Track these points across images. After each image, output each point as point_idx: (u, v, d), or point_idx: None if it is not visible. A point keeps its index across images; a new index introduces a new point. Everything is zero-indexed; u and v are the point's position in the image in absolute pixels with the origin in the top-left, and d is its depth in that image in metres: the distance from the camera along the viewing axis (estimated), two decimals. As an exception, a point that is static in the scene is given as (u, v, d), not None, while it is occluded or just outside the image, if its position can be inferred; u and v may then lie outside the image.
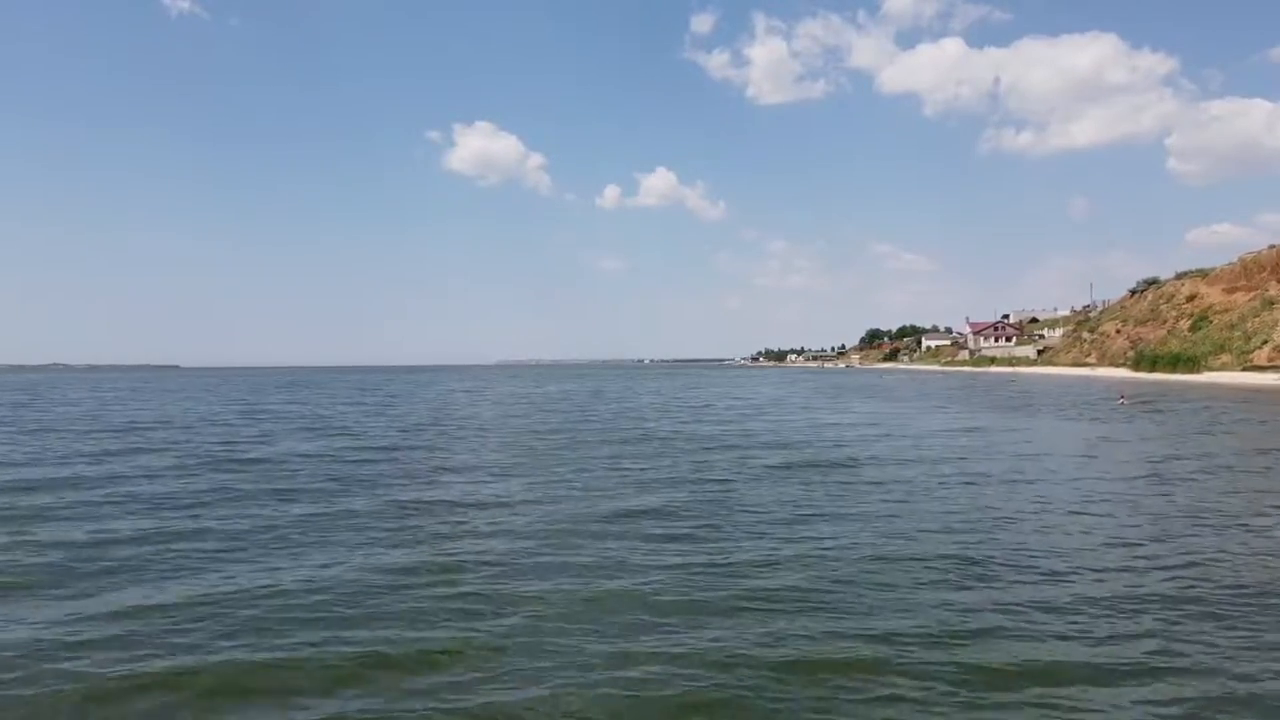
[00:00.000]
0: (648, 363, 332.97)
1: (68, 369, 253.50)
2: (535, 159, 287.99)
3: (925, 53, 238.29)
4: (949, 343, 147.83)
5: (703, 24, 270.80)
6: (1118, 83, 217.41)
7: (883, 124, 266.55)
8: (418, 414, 33.81)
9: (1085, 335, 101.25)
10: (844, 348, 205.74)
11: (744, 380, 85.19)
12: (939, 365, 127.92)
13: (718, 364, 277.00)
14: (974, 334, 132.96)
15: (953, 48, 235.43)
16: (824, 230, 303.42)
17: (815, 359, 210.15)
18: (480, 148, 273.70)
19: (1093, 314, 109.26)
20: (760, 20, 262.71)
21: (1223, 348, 68.18)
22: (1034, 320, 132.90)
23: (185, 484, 13.67)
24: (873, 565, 8.00)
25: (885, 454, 17.51)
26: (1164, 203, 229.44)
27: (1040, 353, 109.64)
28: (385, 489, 13.04)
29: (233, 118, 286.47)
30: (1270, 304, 67.66)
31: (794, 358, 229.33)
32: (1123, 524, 10.00)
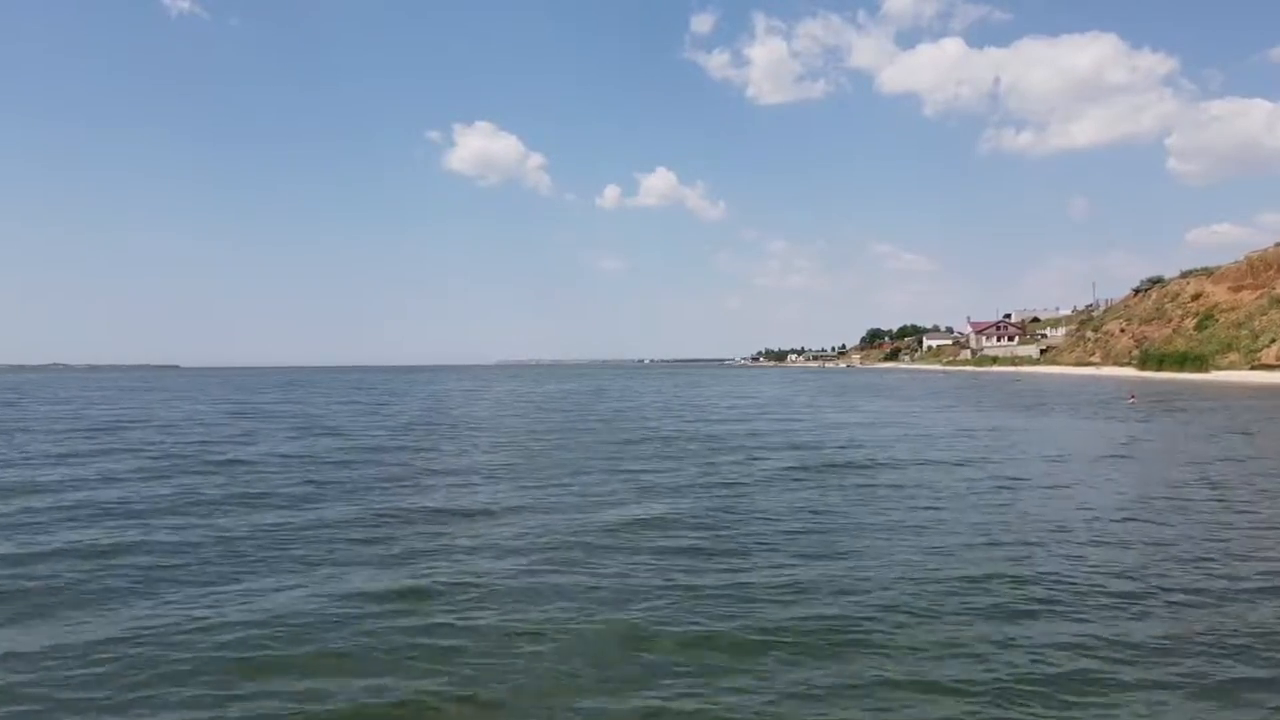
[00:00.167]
0: (648, 363, 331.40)
1: (68, 369, 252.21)
2: (535, 159, 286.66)
3: (925, 53, 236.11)
4: (950, 342, 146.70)
5: (703, 24, 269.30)
6: (1118, 83, 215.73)
7: (883, 124, 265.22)
8: (411, 413, 32.72)
9: (1089, 334, 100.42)
10: (844, 348, 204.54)
11: (745, 380, 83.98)
12: (940, 365, 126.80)
13: (718, 364, 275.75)
14: (976, 333, 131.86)
15: (953, 48, 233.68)
16: (824, 230, 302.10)
17: (816, 359, 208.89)
18: (480, 148, 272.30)
19: (1096, 313, 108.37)
20: (760, 20, 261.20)
21: (1230, 346, 67.51)
22: (1035, 320, 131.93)
23: (145, 489, 12.54)
24: (912, 589, 6.88)
25: (903, 455, 16.40)
26: (1164, 203, 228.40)
27: (1043, 352, 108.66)
28: (363, 495, 11.91)
29: (233, 118, 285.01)
30: (1278, 302, 66.71)
31: (794, 358, 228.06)
32: (1186, 534, 8.88)
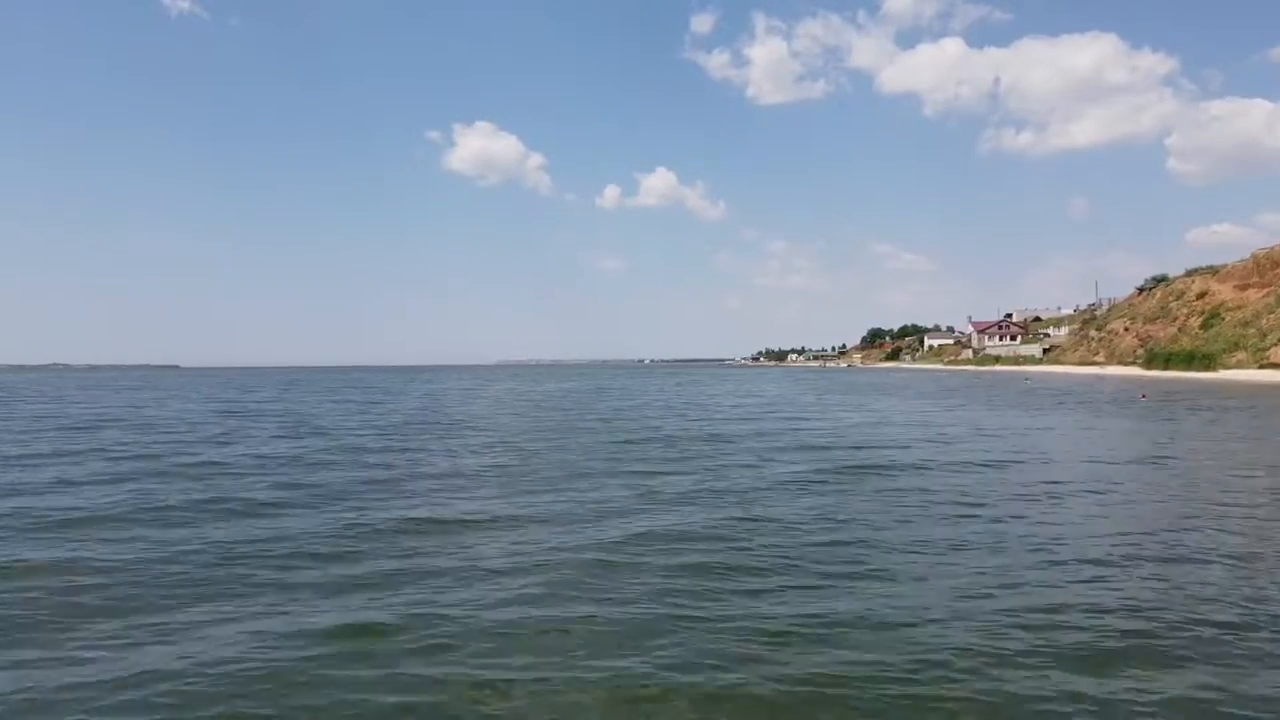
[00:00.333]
0: (648, 362, 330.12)
1: (68, 369, 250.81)
2: (535, 159, 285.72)
3: (925, 53, 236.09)
4: (952, 342, 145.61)
5: (703, 24, 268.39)
6: (1118, 83, 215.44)
7: (883, 124, 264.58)
8: (403, 412, 31.51)
9: (1092, 334, 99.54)
10: (845, 347, 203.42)
11: (747, 379, 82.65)
12: (942, 365, 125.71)
13: (718, 364, 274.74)
14: (978, 333, 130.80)
15: (953, 48, 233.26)
16: (824, 230, 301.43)
17: (816, 359, 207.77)
18: (480, 148, 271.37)
19: (1099, 312, 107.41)
20: (760, 20, 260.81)
21: (1237, 345, 66.78)
22: (1037, 319, 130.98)
23: (97, 495, 11.30)
24: (965, 623, 5.58)
25: (927, 457, 15.17)
26: (1164, 203, 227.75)
27: (1046, 351, 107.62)
28: (334, 503, 10.68)
29: (233, 118, 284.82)
30: (1285, 300, 65.81)
31: (794, 357, 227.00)
32: (1277, 549, 7.68)
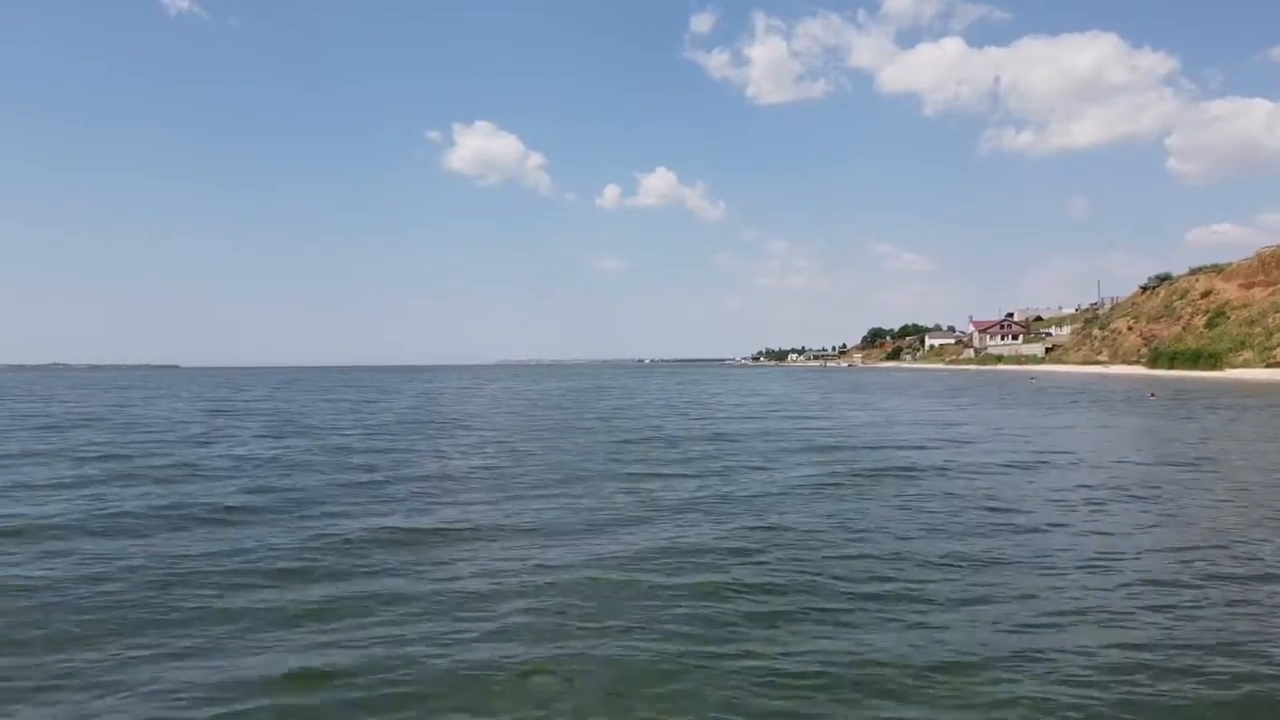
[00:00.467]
0: (648, 362, 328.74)
1: (68, 369, 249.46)
2: (535, 159, 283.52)
3: (925, 52, 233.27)
4: (953, 341, 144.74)
5: (702, 24, 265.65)
6: (1118, 82, 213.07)
7: (883, 124, 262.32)
8: (397, 411, 30.54)
9: (1095, 333, 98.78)
10: (845, 347, 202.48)
11: (749, 378, 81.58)
12: (944, 364, 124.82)
13: (718, 364, 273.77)
14: (979, 332, 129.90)
15: (953, 47, 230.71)
16: (824, 230, 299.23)
17: (817, 358, 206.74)
18: (480, 147, 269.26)
19: (1101, 311, 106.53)
20: (760, 20, 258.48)
21: (1243, 344, 66.19)
22: (1038, 319, 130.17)
23: (48, 502, 10.28)
24: (1066, 693, 4.54)
25: (950, 459, 14.16)
26: (1164, 203, 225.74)
27: (1048, 350, 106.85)
28: (307, 511, 9.68)
29: (233, 118, 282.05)
30: (1292, 299, 65.05)
31: (795, 357, 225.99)
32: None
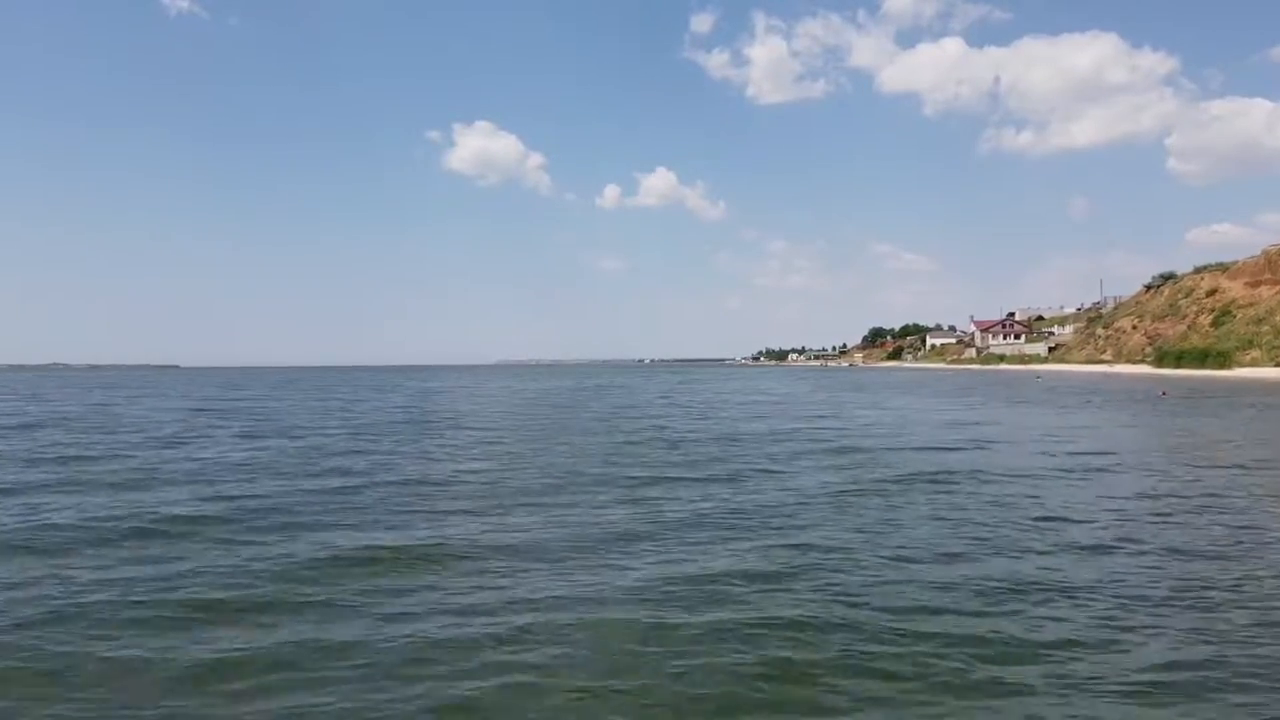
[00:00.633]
0: (648, 362, 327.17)
1: (68, 369, 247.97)
2: (535, 159, 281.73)
3: (925, 52, 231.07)
4: (954, 341, 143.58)
5: (702, 23, 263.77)
6: (1118, 82, 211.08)
7: (883, 124, 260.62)
8: (388, 410, 29.38)
9: (1099, 332, 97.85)
10: (845, 347, 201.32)
11: (751, 377, 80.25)
12: (945, 364, 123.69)
13: (717, 363, 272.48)
14: (980, 332, 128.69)
15: (953, 47, 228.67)
16: (824, 230, 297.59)
17: (817, 358, 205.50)
18: (480, 147, 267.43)
19: (1104, 310, 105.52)
20: (760, 20, 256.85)
21: (1251, 343, 65.30)
22: (1040, 318, 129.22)
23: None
24: None
25: (985, 464, 12.80)
26: (1164, 203, 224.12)
27: (1051, 350, 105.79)
28: (262, 524, 8.46)
29: (233, 118, 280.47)
30: (1300, 297, 64.15)
31: (795, 357, 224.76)
32: None
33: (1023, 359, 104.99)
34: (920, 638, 4.90)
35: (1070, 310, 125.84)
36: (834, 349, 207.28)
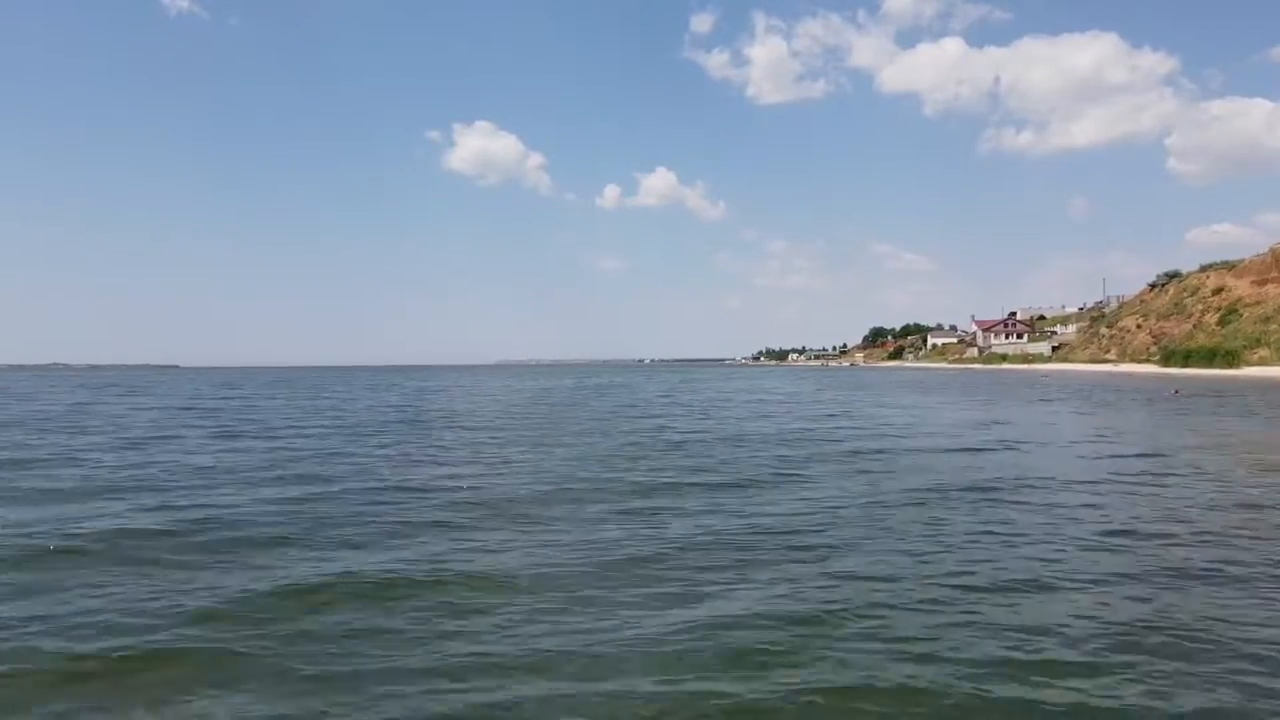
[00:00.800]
0: (648, 362, 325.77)
1: (68, 369, 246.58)
2: (535, 159, 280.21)
3: (925, 52, 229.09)
4: (956, 340, 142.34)
5: (702, 23, 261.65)
6: (1118, 82, 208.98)
7: (883, 124, 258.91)
8: (379, 410, 28.11)
9: (1103, 331, 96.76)
10: (845, 347, 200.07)
11: (753, 377, 78.90)
12: (947, 363, 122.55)
13: (717, 363, 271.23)
14: (983, 331, 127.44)
15: (953, 47, 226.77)
16: (824, 230, 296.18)
17: (817, 358, 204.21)
18: (480, 147, 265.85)
19: (1107, 310, 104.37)
20: (760, 20, 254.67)
21: (1259, 341, 64.26)
22: (1042, 318, 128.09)
23: None
24: None
25: (1024, 470, 11.55)
26: (1164, 203, 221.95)
27: (1055, 349, 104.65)
28: (197, 539, 7.21)
29: (233, 118, 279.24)
30: (1308, 296, 63.14)
31: (795, 357, 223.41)
32: None
33: (1026, 358, 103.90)
34: (1015, 710, 3.67)
35: (1072, 310, 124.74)
36: (834, 349, 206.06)
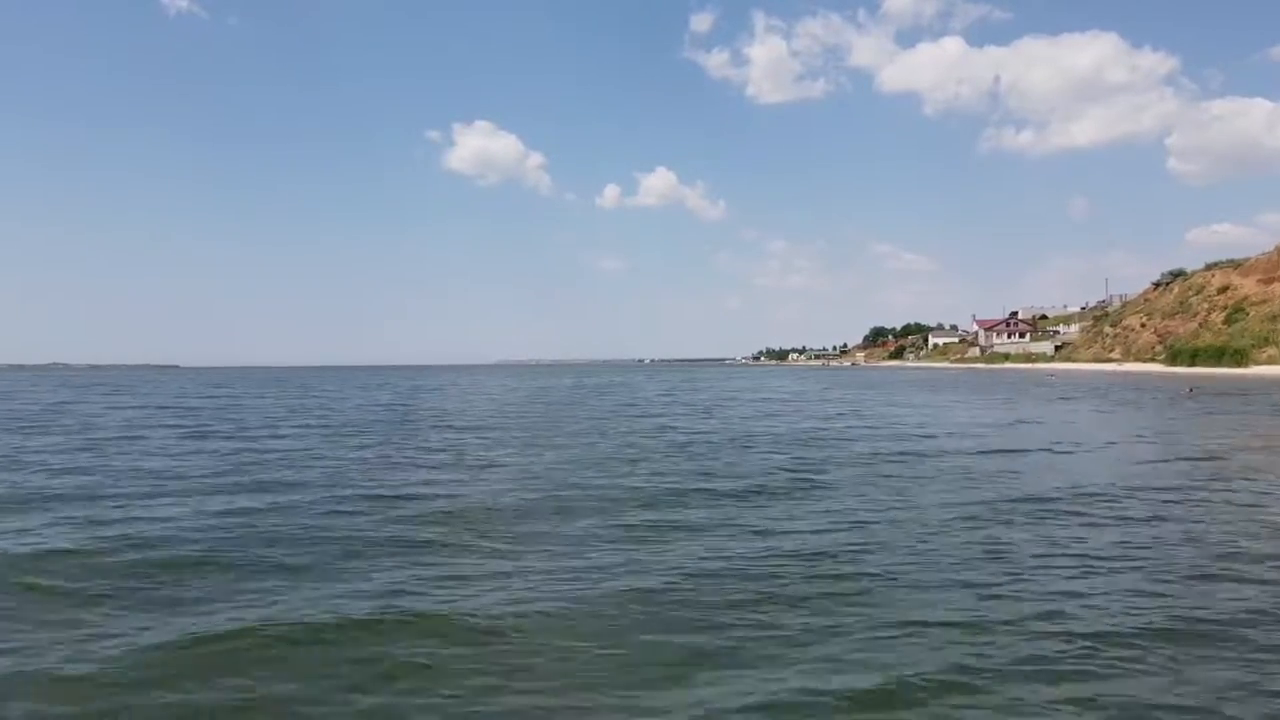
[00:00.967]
0: (648, 362, 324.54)
1: (68, 369, 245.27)
2: (535, 158, 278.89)
3: (925, 52, 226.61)
4: (957, 340, 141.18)
5: (702, 23, 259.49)
6: (1118, 82, 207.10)
7: (883, 123, 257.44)
8: (369, 410, 26.87)
9: (1107, 330, 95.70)
10: (846, 346, 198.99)
11: (756, 377, 77.46)
12: (948, 363, 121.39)
13: (718, 363, 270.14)
14: (984, 330, 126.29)
15: (953, 47, 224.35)
16: (824, 230, 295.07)
17: (818, 358, 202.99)
18: (480, 147, 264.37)
19: (1110, 309, 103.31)
20: (760, 19, 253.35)
21: (1267, 340, 63.30)
22: (1043, 317, 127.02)
23: None
24: None
25: (1079, 474, 10.30)
26: (1164, 203, 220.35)
27: (1058, 349, 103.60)
28: (113, 573, 5.96)
29: (233, 118, 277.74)
30: (1315, 295, 62.22)
31: (795, 357, 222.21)
32: None
33: (1029, 358, 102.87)
34: None
35: (1073, 310, 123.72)
36: (834, 349, 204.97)
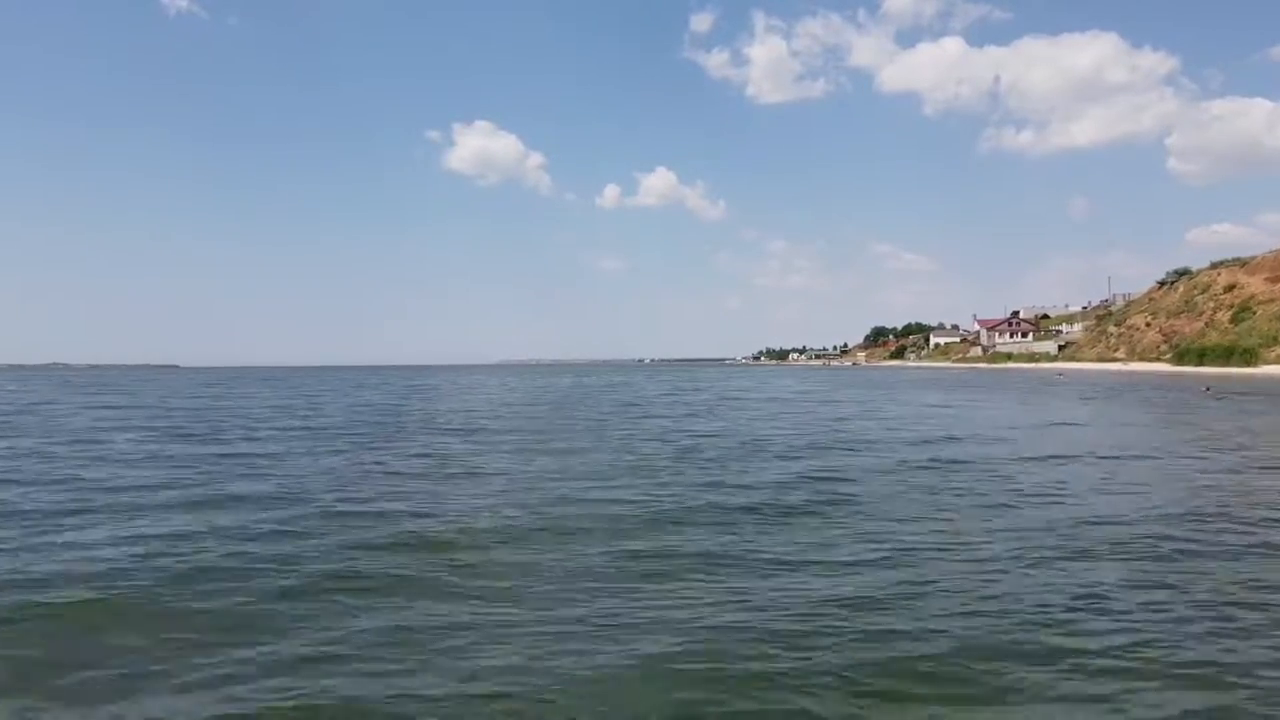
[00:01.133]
0: (648, 362, 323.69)
1: (68, 368, 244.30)
2: (535, 158, 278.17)
3: (925, 52, 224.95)
4: (959, 340, 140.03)
5: (702, 23, 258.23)
6: (1118, 82, 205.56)
7: (883, 123, 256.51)
8: (358, 410, 25.69)
9: (1111, 329, 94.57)
10: (846, 346, 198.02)
11: (757, 377, 75.91)
12: (950, 363, 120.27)
13: (718, 363, 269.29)
14: (986, 330, 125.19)
15: (953, 47, 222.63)
16: (824, 230, 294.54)
17: (818, 358, 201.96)
18: (480, 147, 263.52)
19: (1114, 308, 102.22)
20: (760, 19, 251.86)
21: (1275, 339, 62.28)
22: (1045, 317, 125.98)
23: None
24: None
25: (1164, 493, 9.11)
26: (1164, 203, 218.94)
27: (1061, 348, 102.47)
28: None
29: (233, 118, 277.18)
30: (1323, 293, 61.27)
31: (796, 357, 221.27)
32: None
33: (1031, 357, 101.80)
34: None
35: (1075, 309, 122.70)
36: (835, 349, 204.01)
